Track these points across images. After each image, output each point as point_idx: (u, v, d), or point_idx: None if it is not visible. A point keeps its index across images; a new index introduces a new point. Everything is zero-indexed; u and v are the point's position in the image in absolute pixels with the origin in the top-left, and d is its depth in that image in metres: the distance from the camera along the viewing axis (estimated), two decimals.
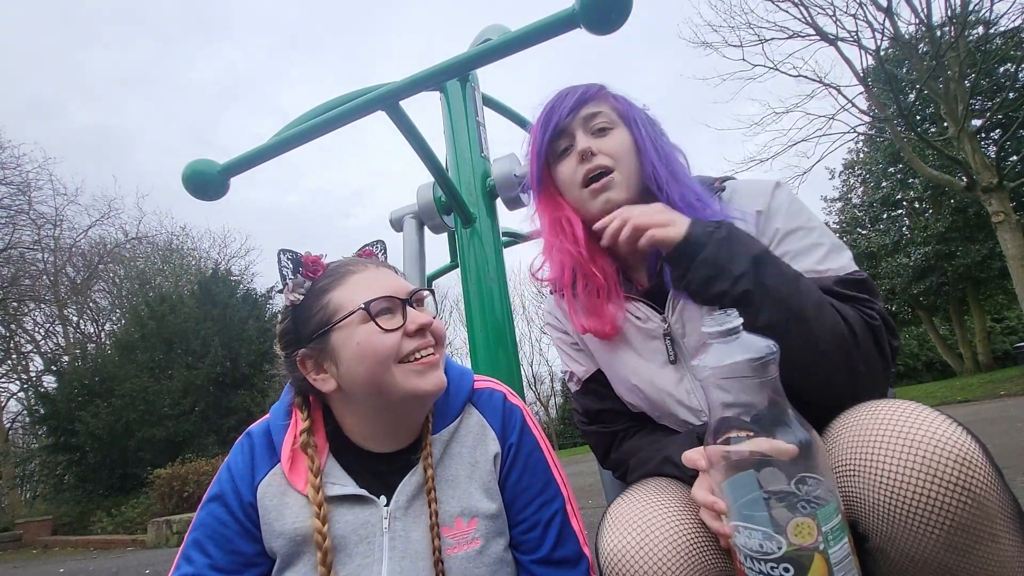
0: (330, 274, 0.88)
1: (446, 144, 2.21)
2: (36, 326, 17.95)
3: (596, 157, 0.98)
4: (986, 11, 11.02)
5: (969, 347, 18.21)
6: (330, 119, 1.46)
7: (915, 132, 12.23)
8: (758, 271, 0.77)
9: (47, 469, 14.75)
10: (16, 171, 14.72)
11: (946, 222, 16.33)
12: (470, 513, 0.88)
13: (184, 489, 9.37)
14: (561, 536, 0.90)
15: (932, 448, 0.62)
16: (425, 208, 2.22)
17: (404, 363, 0.84)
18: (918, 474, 0.61)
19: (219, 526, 0.85)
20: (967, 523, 0.60)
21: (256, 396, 12.23)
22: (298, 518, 0.83)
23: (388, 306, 0.85)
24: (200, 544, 0.85)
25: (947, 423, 0.64)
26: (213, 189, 1.54)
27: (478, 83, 2.27)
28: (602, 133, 1.00)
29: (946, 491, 0.60)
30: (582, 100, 1.00)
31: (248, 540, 0.85)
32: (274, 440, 0.90)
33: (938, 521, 0.61)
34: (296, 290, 0.87)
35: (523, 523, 0.91)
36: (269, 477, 0.87)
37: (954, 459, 0.61)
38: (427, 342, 0.86)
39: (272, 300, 14.84)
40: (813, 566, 0.60)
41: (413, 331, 0.84)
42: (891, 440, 0.64)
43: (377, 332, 0.82)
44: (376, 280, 0.87)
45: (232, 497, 0.86)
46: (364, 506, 0.86)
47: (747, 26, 12.85)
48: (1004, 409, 7.60)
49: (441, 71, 1.33)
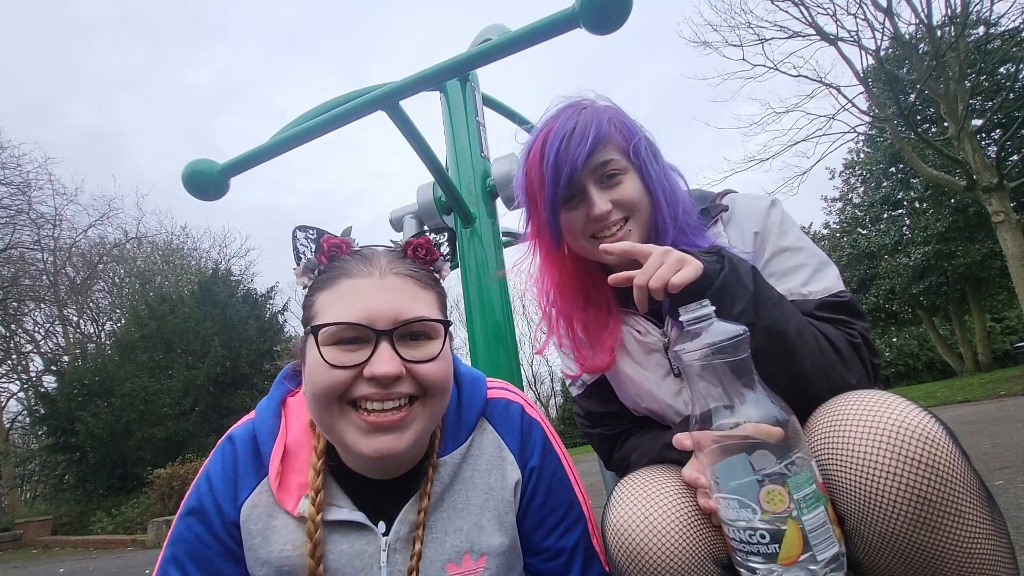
0: (334, 268, 0.75)
1: (446, 144, 2.21)
2: (36, 326, 18.00)
3: (611, 213, 0.95)
4: (986, 11, 11.02)
5: (969, 347, 18.22)
6: (330, 119, 1.46)
7: (915, 132, 12.22)
8: (757, 310, 0.79)
9: (47, 469, 14.76)
10: (16, 171, 14.78)
11: (946, 222, 16.33)
12: (479, 550, 0.78)
13: (184, 489, 9.32)
14: (587, 563, 0.83)
15: (897, 429, 0.66)
16: (425, 208, 2.23)
17: (352, 409, 0.70)
18: (885, 454, 0.65)
19: (199, 544, 0.75)
20: (932, 498, 0.64)
21: (256, 396, 12.20)
22: (287, 545, 0.73)
23: (355, 335, 0.70)
24: (179, 562, 0.74)
25: (911, 407, 0.69)
26: (213, 189, 1.54)
27: (478, 83, 2.27)
28: (612, 181, 0.97)
29: (910, 468, 0.64)
30: (592, 148, 0.93)
31: (230, 562, 0.75)
32: (260, 448, 0.78)
33: (905, 497, 0.64)
34: (306, 273, 0.78)
35: (545, 552, 0.82)
36: (255, 496, 0.75)
37: (917, 438, 0.65)
38: (385, 393, 0.69)
39: (272, 300, 14.86)
40: (788, 533, 0.64)
41: (370, 376, 0.68)
42: (860, 424, 0.69)
43: (322, 364, 0.68)
44: (364, 295, 0.71)
45: (213, 513, 0.75)
46: (361, 534, 0.76)
47: (747, 26, 12.86)
48: (1004, 409, 7.59)
49: (441, 71, 1.33)
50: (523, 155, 1.02)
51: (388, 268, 0.74)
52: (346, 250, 0.78)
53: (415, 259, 0.79)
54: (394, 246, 0.81)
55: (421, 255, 0.79)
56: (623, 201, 0.96)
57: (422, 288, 0.76)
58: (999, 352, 20.09)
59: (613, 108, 1.02)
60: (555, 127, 0.96)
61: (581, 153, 0.93)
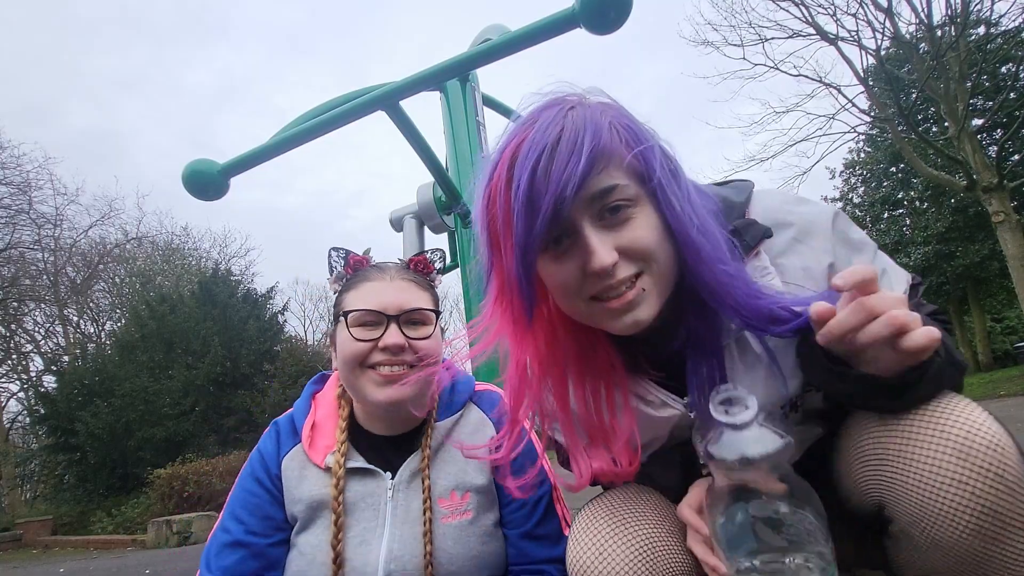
0: (357, 276, 1.04)
1: (446, 144, 2.21)
2: (36, 326, 17.97)
3: (617, 267, 0.66)
4: (987, 11, 11.02)
5: (969, 347, 18.23)
6: (330, 119, 1.46)
7: (916, 132, 12.21)
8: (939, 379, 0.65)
9: (47, 469, 14.75)
10: (16, 171, 14.73)
11: (946, 222, 16.32)
12: (463, 487, 1.02)
13: (184, 489, 9.36)
14: (546, 515, 1.03)
15: (964, 434, 0.61)
16: (425, 208, 2.23)
17: (370, 369, 0.97)
18: (951, 458, 0.61)
19: (251, 497, 0.99)
20: (998, 509, 0.59)
21: (256, 396, 12.21)
22: (315, 487, 0.98)
23: (372, 319, 0.98)
24: (235, 514, 0.98)
25: (978, 410, 0.63)
26: (213, 189, 1.54)
27: (478, 83, 2.27)
28: (617, 216, 0.67)
29: (978, 476, 0.59)
30: (588, 167, 0.63)
31: (277, 506, 0.99)
32: (296, 424, 1.06)
33: (969, 505, 0.60)
34: (338, 281, 1.06)
35: (513, 502, 1.03)
36: (292, 454, 1.02)
37: (986, 445, 0.60)
38: (396, 359, 0.97)
39: (272, 300, 14.87)
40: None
41: (383, 347, 0.96)
42: (923, 426, 0.64)
43: (350, 339, 0.96)
44: (381, 291, 0.99)
45: (262, 472, 1.01)
46: (372, 478, 1.00)
47: (748, 25, 12.85)
48: (1004, 409, 7.60)
49: (441, 71, 1.33)
50: (483, 176, 0.71)
51: (396, 275, 1.04)
52: (366, 264, 1.07)
53: (416, 270, 1.09)
54: (400, 262, 1.11)
55: (420, 268, 1.10)
56: (634, 248, 0.66)
57: (421, 289, 1.05)
58: (999, 352, 20.09)
59: (614, 107, 0.71)
60: (529, 136, 0.65)
61: (572, 175, 0.62)
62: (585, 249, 0.66)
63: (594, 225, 0.66)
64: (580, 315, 0.73)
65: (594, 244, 0.65)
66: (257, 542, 0.96)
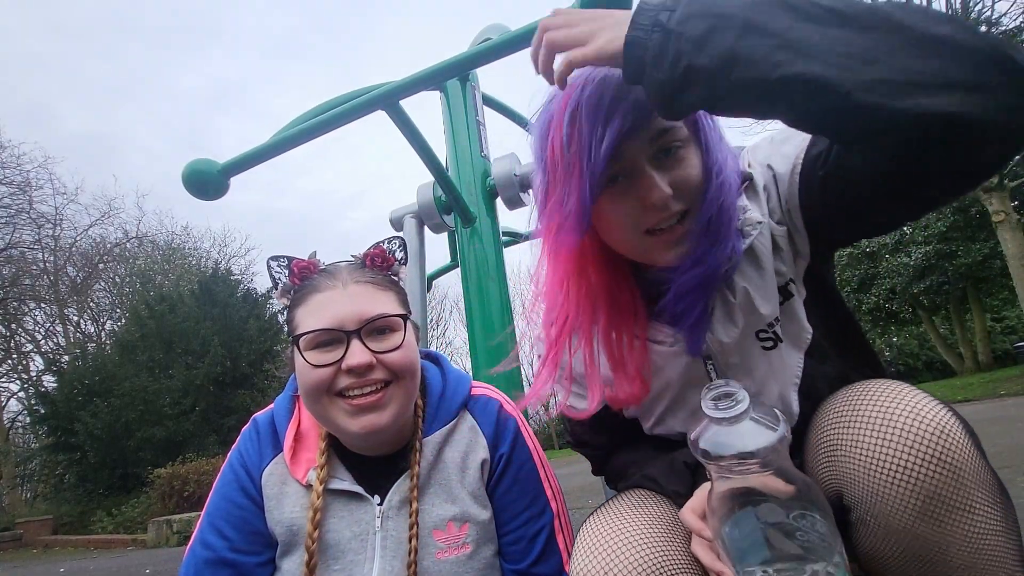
0: (305, 287, 0.87)
1: (446, 144, 2.21)
2: (36, 326, 18.00)
3: (671, 201, 0.72)
4: (987, 10, 11.01)
5: (969, 346, 18.21)
6: (330, 119, 1.46)
7: None
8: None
9: (47, 469, 14.77)
10: (16, 171, 14.77)
11: (947, 221, 16.32)
12: (462, 518, 0.89)
13: (184, 489, 9.38)
14: (544, 552, 0.90)
15: (911, 422, 0.64)
16: (425, 208, 2.23)
17: (339, 397, 0.82)
18: (898, 446, 0.64)
19: (236, 509, 0.86)
20: (942, 493, 0.62)
21: (256, 396, 12.23)
22: (295, 509, 0.85)
23: (327, 338, 0.82)
24: (217, 528, 0.85)
25: (927, 399, 0.66)
26: (213, 189, 1.54)
27: (478, 83, 2.27)
28: (670, 156, 0.73)
29: (923, 462, 0.62)
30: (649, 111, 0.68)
31: (263, 521, 0.86)
32: (277, 428, 0.92)
33: (915, 491, 0.62)
34: (284, 295, 0.90)
35: (510, 534, 0.91)
36: (272, 465, 0.89)
37: (932, 432, 0.63)
38: (365, 380, 0.81)
39: (272, 300, 14.86)
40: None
41: (348, 369, 0.80)
42: (872, 415, 0.67)
43: (307, 366, 0.81)
44: (334, 302, 0.83)
45: (247, 480, 0.88)
46: (360, 504, 0.87)
47: None
48: (1004, 409, 7.59)
49: (441, 71, 1.33)
50: (540, 124, 0.76)
51: (349, 278, 0.86)
52: (313, 270, 0.89)
53: (373, 267, 0.91)
54: (354, 259, 0.93)
55: (378, 263, 0.92)
56: (685, 185, 0.72)
57: (381, 290, 0.88)
58: (999, 352, 20.09)
59: None
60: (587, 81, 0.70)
61: (636, 113, 0.68)
62: (646, 184, 0.71)
63: (651, 165, 0.72)
64: (634, 249, 0.78)
65: (656, 178, 0.71)
66: (244, 561, 0.84)
